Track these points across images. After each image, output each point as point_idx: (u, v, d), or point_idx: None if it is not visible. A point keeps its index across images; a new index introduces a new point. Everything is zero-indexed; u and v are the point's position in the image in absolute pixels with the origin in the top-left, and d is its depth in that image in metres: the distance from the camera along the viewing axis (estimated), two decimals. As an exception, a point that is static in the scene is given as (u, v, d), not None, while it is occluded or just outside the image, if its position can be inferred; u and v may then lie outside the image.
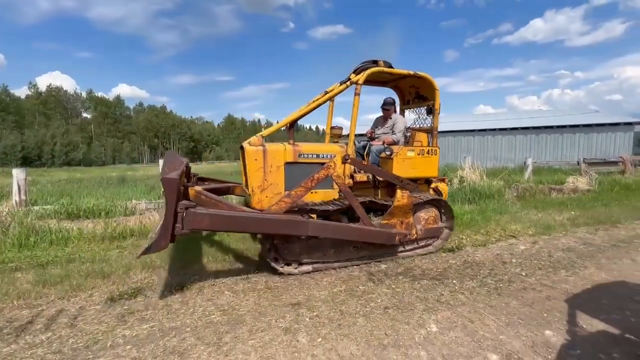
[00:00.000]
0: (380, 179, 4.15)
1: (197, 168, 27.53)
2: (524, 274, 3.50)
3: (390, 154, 4.11)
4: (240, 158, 3.87)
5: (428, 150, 4.31)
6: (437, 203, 4.26)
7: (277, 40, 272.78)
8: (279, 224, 3.12)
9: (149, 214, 5.34)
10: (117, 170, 28.89)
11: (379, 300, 2.91)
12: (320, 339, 2.33)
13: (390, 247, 3.93)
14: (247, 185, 3.74)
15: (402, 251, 4.07)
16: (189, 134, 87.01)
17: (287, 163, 3.61)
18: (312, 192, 3.56)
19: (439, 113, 4.49)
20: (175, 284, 3.24)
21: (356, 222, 3.65)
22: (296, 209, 3.42)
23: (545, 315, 2.66)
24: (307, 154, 3.74)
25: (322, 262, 3.63)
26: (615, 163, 11.19)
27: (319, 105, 4.03)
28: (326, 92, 4.13)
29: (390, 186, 4.16)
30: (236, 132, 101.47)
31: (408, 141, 4.71)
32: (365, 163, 4.16)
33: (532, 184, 8.60)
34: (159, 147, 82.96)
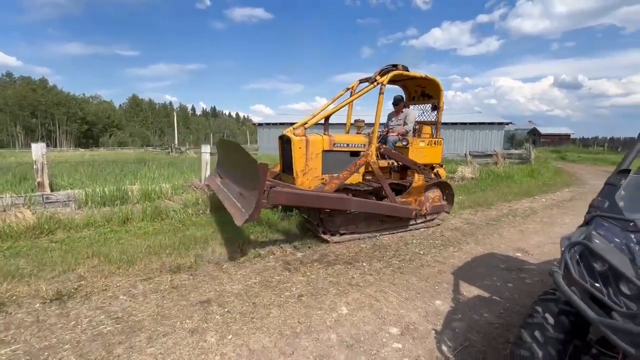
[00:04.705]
0: (396, 164, 4.84)
1: (94, 155, 23.51)
2: (422, 252, 3.96)
3: (406, 144, 4.82)
4: (279, 146, 4.53)
5: (435, 141, 5.13)
6: (441, 184, 5.06)
7: (192, 16, 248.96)
8: (333, 200, 3.75)
9: (17, 211, 4.31)
10: (-27, 156, 22.61)
11: (293, 289, 2.92)
12: (230, 336, 2.22)
13: (406, 220, 4.70)
14: (284, 170, 4.47)
15: (414, 224, 4.83)
16: (80, 115, 73.27)
17: (324, 151, 4.25)
18: None
19: (442, 110, 5.29)
20: (52, 293, 2.68)
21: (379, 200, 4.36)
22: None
23: (436, 287, 3.05)
24: (340, 144, 4.39)
25: (357, 232, 4.31)
26: (491, 156, 13.56)
27: (349, 102, 4.63)
28: (347, 89, 4.88)
29: (403, 171, 4.99)
30: (142, 114, 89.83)
31: (416, 133, 5.32)
32: (394, 152, 4.74)
33: (431, 173, 9.78)
34: (39, 129, 68.00)
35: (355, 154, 4.48)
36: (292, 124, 4.87)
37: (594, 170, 15.29)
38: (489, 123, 22.80)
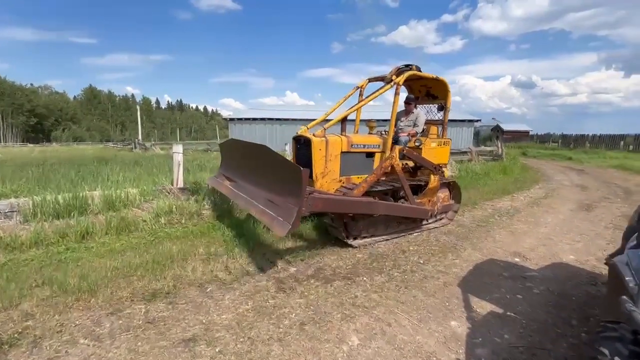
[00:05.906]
0: (410, 165, 4.75)
1: (45, 151, 21.31)
2: (421, 261, 3.73)
3: (420, 145, 4.77)
4: (293, 147, 4.36)
5: (444, 142, 5.13)
6: (448, 184, 5.20)
7: (155, 4, 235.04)
8: (364, 204, 3.72)
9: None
10: None
11: (293, 316, 2.55)
12: (226, 388, 1.82)
13: (419, 221, 4.75)
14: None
15: (426, 224, 4.92)
16: (28, 107, 66.51)
17: (342, 152, 4.12)
18: (357, 177, 4.25)
19: (449, 110, 5.32)
20: (-12, 341, 2.11)
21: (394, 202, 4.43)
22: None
23: (447, 304, 2.81)
24: (358, 145, 4.28)
25: (377, 235, 4.28)
26: (465, 153, 13.87)
27: (364, 104, 4.57)
28: (357, 88, 4.90)
29: (414, 171, 4.94)
30: (101, 107, 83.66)
31: (424, 133, 5.20)
32: (416, 154, 4.61)
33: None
34: (-21, 122, 60.87)
35: (370, 155, 4.45)
36: (264, 119, 4.54)
37: (553, 165, 16.14)
38: (460, 120, 23.49)
